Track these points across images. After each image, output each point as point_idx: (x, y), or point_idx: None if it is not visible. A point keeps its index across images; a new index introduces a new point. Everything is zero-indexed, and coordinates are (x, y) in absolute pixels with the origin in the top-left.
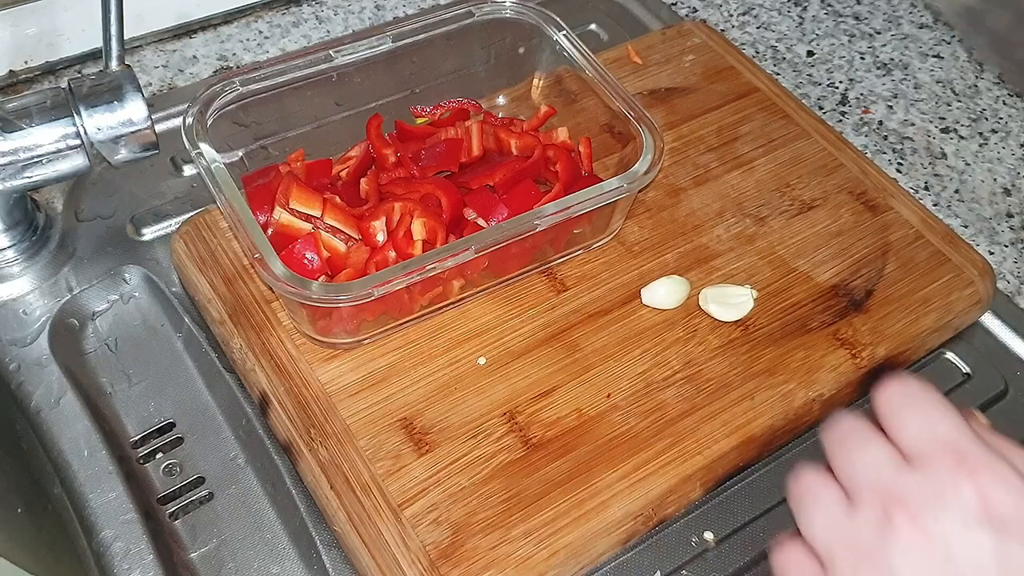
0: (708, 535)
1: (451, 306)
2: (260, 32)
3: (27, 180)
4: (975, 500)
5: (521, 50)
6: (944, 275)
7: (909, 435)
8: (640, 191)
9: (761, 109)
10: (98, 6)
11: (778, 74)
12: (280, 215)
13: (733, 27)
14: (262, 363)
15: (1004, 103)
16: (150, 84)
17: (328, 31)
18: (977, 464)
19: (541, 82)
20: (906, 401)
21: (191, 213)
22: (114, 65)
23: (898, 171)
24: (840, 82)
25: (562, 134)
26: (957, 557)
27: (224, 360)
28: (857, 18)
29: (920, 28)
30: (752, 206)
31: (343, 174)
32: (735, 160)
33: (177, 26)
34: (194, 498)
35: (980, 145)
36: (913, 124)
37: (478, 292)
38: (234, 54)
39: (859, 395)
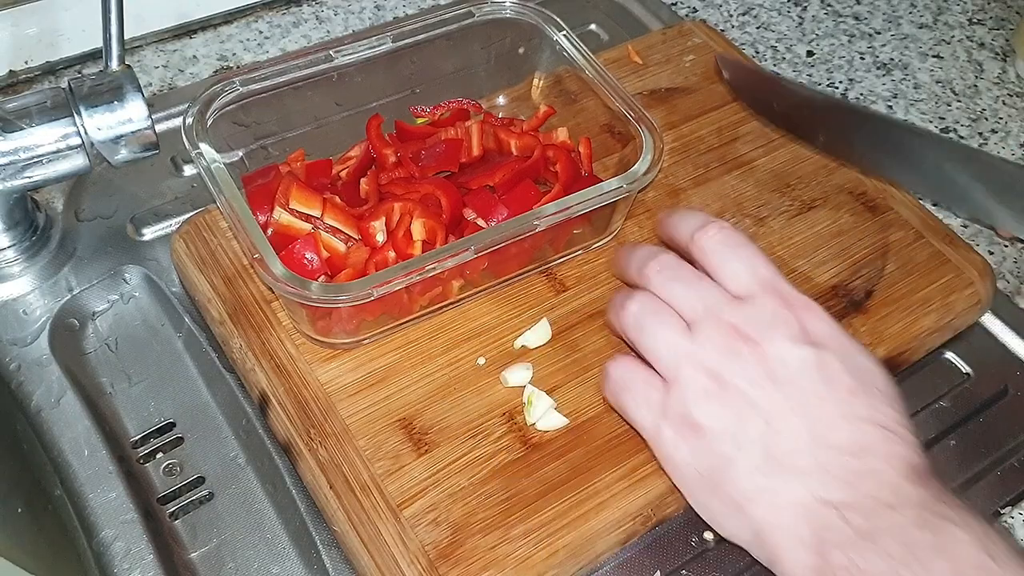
0: (708, 535)
1: (451, 306)
2: (260, 32)
3: (27, 180)
4: (797, 327)
5: (521, 50)
6: (944, 275)
7: (736, 277)
8: (640, 191)
9: None
10: (98, 6)
11: (778, 74)
12: (280, 215)
13: (733, 27)
14: (262, 363)
15: (1004, 103)
16: (150, 84)
17: (328, 31)
18: (795, 301)
19: (541, 82)
20: (729, 247)
21: (191, 213)
22: (114, 65)
23: None
24: (840, 82)
25: (562, 134)
26: (789, 365)
27: (224, 360)
28: (857, 18)
29: (920, 28)
30: (752, 206)
31: (343, 174)
32: (735, 160)
33: (177, 26)
34: (194, 498)
35: (980, 145)
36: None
37: (478, 292)
38: (234, 54)
39: None
